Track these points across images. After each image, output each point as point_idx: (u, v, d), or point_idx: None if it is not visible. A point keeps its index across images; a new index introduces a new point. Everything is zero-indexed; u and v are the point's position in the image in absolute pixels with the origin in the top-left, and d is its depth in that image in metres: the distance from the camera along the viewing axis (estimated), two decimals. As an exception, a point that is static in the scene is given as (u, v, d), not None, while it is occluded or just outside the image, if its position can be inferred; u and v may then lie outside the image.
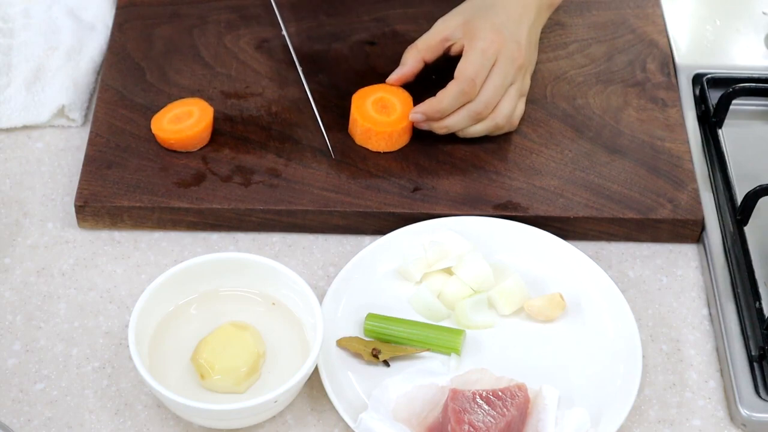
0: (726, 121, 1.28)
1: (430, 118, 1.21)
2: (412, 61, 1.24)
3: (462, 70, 1.19)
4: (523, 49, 1.21)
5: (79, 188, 1.19)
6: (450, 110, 1.20)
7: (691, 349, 1.13)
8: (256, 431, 1.06)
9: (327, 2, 1.38)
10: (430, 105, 1.20)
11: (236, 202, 1.19)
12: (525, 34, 1.22)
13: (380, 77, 1.29)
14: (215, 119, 1.24)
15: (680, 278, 1.19)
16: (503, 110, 1.21)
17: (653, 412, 1.08)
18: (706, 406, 1.09)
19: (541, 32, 1.36)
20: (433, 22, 1.25)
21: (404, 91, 1.25)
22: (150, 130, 1.23)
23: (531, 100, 1.29)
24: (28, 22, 1.36)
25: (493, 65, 1.19)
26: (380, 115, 1.22)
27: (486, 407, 1.01)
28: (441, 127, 1.21)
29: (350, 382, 1.07)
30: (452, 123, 1.21)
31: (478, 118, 1.21)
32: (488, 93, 1.19)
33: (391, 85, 1.25)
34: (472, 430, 0.99)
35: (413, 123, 1.22)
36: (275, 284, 1.09)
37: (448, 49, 1.23)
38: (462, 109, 1.20)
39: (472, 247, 1.15)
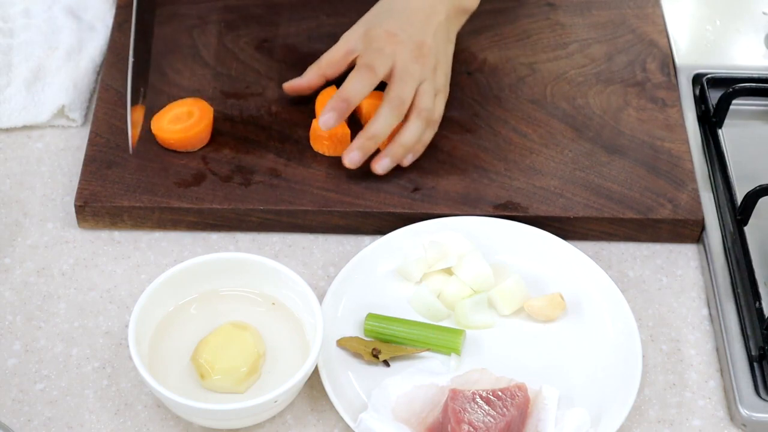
0: (726, 121, 1.28)
1: (341, 111, 1.17)
2: (310, 75, 1.24)
3: (358, 63, 1.19)
4: (425, 48, 1.19)
5: (79, 188, 1.19)
6: (357, 96, 1.17)
7: (691, 349, 1.13)
8: (256, 431, 1.06)
9: (327, 2, 1.38)
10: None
11: (236, 202, 1.19)
12: (431, 35, 1.20)
13: (380, 77, 1.30)
14: (215, 119, 1.24)
15: (680, 278, 1.19)
16: (422, 104, 1.19)
17: (653, 412, 1.08)
18: (706, 406, 1.09)
19: (541, 32, 1.36)
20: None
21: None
22: (150, 130, 1.23)
23: (531, 100, 1.29)
24: (28, 22, 1.36)
25: (394, 64, 1.18)
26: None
27: (486, 407, 1.01)
28: (368, 138, 1.18)
29: (350, 382, 1.07)
30: (378, 124, 1.18)
31: (399, 112, 1.17)
32: (396, 82, 1.18)
33: (287, 92, 1.24)
34: (472, 430, 0.99)
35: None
36: (275, 284, 1.09)
37: (354, 61, 1.22)
38: (381, 105, 1.18)
39: (472, 247, 1.15)
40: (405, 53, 1.19)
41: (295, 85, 1.25)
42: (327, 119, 1.17)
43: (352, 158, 1.18)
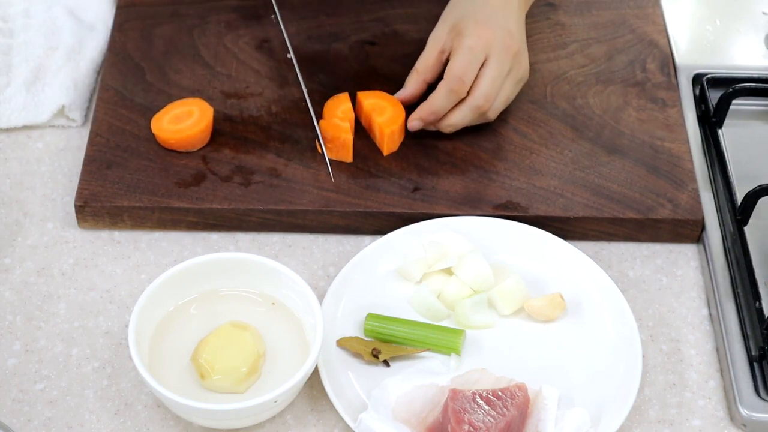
0: (726, 121, 1.28)
1: (427, 122, 1.22)
2: (413, 84, 1.25)
3: (449, 69, 1.20)
4: (515, 36, 1.21)
5: (79, 188, 1.19)
6: (443, 110, 1.21)
7: (691, 349, 1.13)
8: (256, 431, 1.06)
9: (327, 2, 1.38)
10: (423, 109, 1.21)
11: (236, 202, 1.19)
12: (514, 22, 1.22)
13: (380, 77, 1.30)
14: (215, 119, 1.24)
15: (680, 278, 1.19)
16: (499, 100, 1.22)
17: (653, 412, 1.08)
18: (706, 406, 1.09)
19: (541, 32, 1.36)
20: (434, 22, 1.25)
21: (393, 102, 1.25)
22: (150, 130, 1.23)
23: (531, 100, 1.29)
24: (28, 22, 1.36)
25: (487, 58, 1.20)
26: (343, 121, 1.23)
27: (486, 407, 1.01)
28: (446, 126, 1.22)
29: (350, 382, 1.07)
30: (455, 120, 1.21)
31: (481, 112, 1.21)
32: (486, 86, 1.20)
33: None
34: (472, 430, 0.99)
35: (412, 130, 1.23)
36: (275, 284, 1.09)
37: (447, 59, 1.23)
38: (462, 105, 1.21)
39: (472, 247, 1.15)
40: (498, 42, 1.20)
41: (400, 97, 1.25)
42: (414, 126, 1.23)
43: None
